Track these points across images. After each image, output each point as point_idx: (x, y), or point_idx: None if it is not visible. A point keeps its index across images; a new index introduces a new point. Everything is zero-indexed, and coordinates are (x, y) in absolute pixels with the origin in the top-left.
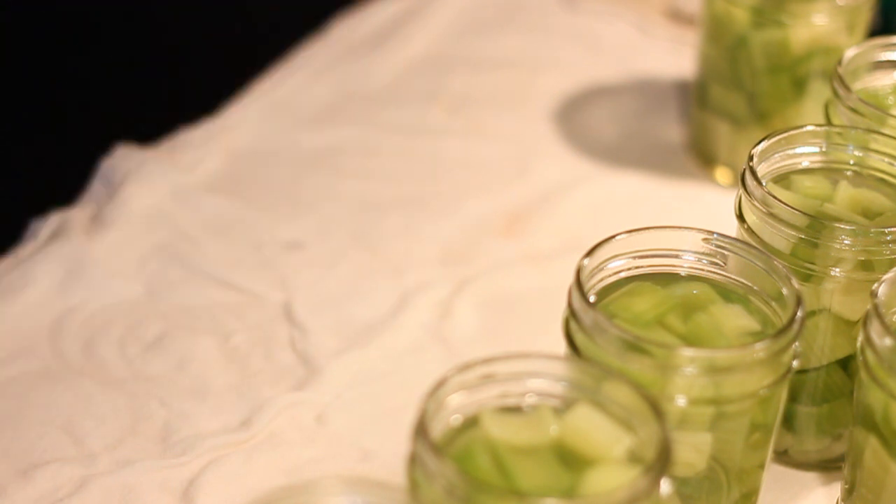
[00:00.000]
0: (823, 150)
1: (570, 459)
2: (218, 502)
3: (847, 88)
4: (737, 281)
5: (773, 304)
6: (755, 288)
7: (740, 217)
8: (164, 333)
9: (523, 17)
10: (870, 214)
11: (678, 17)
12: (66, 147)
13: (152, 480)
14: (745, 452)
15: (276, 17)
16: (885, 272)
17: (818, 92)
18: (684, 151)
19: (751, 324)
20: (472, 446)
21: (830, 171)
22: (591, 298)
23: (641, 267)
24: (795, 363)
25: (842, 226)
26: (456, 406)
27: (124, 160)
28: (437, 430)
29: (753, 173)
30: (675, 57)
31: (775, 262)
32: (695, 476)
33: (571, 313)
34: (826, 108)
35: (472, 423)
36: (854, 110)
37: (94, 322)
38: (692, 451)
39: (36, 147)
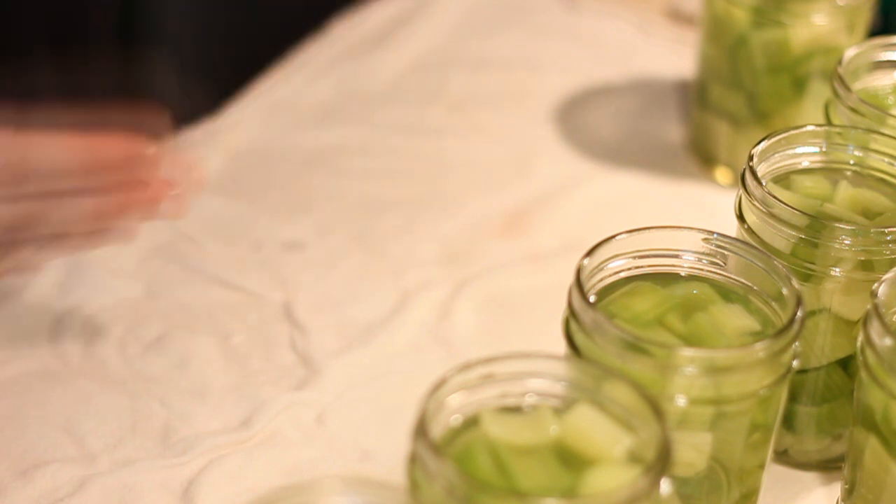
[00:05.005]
0: (823, 150)
1: (570, 459)
2: (218, 502)
3: (847, 88)
4: (737, 281)
5: (773, 304)
6: (755, 288)
7: (740, 217)
8: (164, 333)
9: (523, 17)
10: (870, 214)
11: (678, 17)
12: None
13: (152, 480)
14: (745, 452)
15: (276, 17)
16: (885, 272)
17: (818, 92)
18: (684, 151)
19: (751, 324)
20: (472, 446)
21: (830, 171)
22: (591, 298)
23: (641, 267)
24: (795, 363)
25: (842, 226)
26: (456, 406)
27: None
28: (437, 430)
29: (753, 173)
30: (675, 57)
31: (775, 262)
32: (695, 476)
33: (571, 313)
34: (826, 108)
35: (472, 423)
36: (854, 110)
37: (94, 322)
38: (692, 451)
39: None
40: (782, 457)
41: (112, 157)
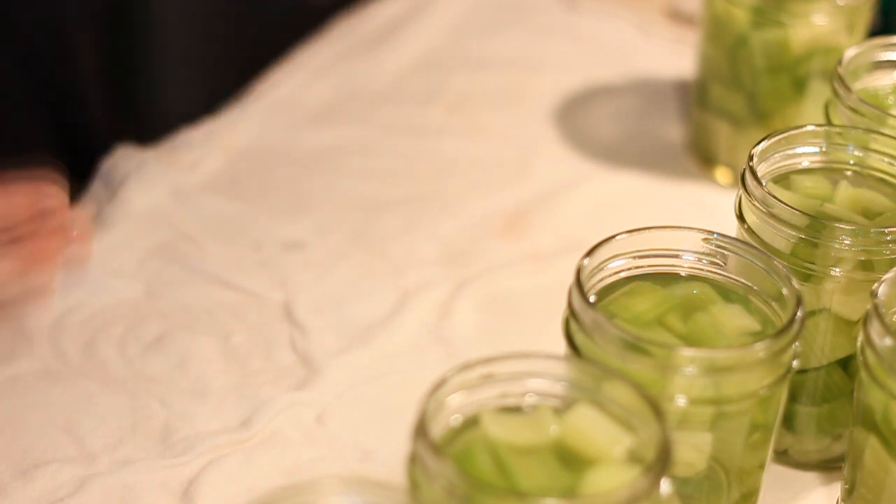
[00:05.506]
0: (823, 150)
1: (570, 459)
2: (218, 502)
3: (847, 88)
4: (737, 281)
5: (773, 304)
6: (755, 288)
7: (740, 217)
8: (164, 333)
9: (523, 17)
10: (870, 214)
11: (678, 17)
12: (66, 147)
13: (152, 480)
14: (745, 452)
15: (277, 17)
16: (885, 272)
17: (818, 92)
18: (684, 151)
19: (751, 324)
20: (472, 446)
21: (830, 171)
22: (591, 298)
23: (641, 267)
24: (795, 363)
25: (842, 226)
26: (456, 406)
27: (124, 160)
28: (437, 430)
29: (753, 173)
30: (675, 57)
31: (775, 262)
32: (695, 476)
33: (571, 313)
34: (826, 108)
35: (472, 423)
36: (854, 110)
37: (94, 322)
38: (692, 451)
39: (36, 147)
40: (782, 457)
41: (21, 209)
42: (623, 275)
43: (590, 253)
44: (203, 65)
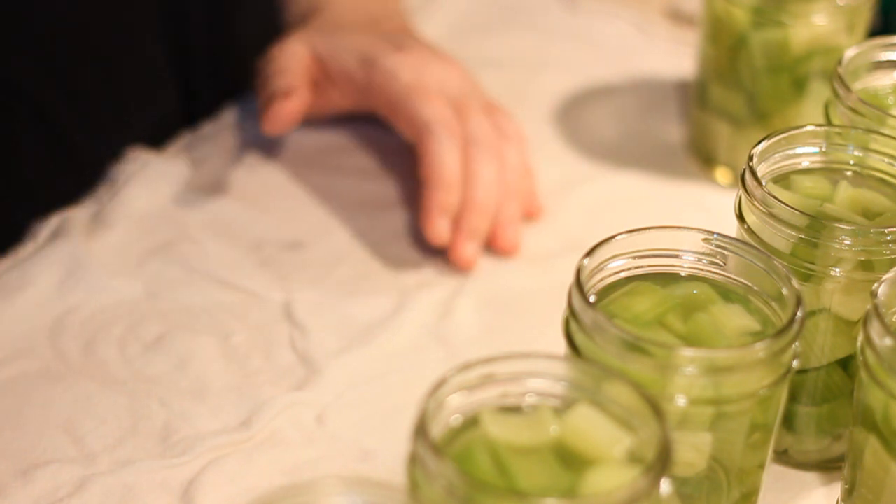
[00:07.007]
0: (823, 150)
1: (570, 459)
2: (218, 502)
3: (847, 88)
4: (737, 281)
5: (773, 304)
6: (755, 288)
7: (740, 217)
8: (164, 333)
9: (523, 17)
10: (870, 214)
11: (678, 17)
12: (65, 147)
13: (152, 480)
14: (745, 452)
15: (277, 16)
16: (885, 272)
17: (818, 92)
18: (684, 151)
19: (751, 324)
20: (472, 446)
21: (830, 171)
22: (591, 298)
23: (641, 267)
24: (795, 363)
25: (842, 226)
26: (456, 406)
27: (127, 161)
28: (437, 430)
29: (753, 173)
30: (675, 57)
31: (775, 262)
32: (695, 476)
33: (571, 313)
34: (826, 108)
35: (472, 423)
36: (854, 110)
37: (94, 322)
38: (692, 451)
39: (36, 147)
40: (782, 457)
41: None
42: (623, 275)
43: (590, 253)
44: (204, 64)
